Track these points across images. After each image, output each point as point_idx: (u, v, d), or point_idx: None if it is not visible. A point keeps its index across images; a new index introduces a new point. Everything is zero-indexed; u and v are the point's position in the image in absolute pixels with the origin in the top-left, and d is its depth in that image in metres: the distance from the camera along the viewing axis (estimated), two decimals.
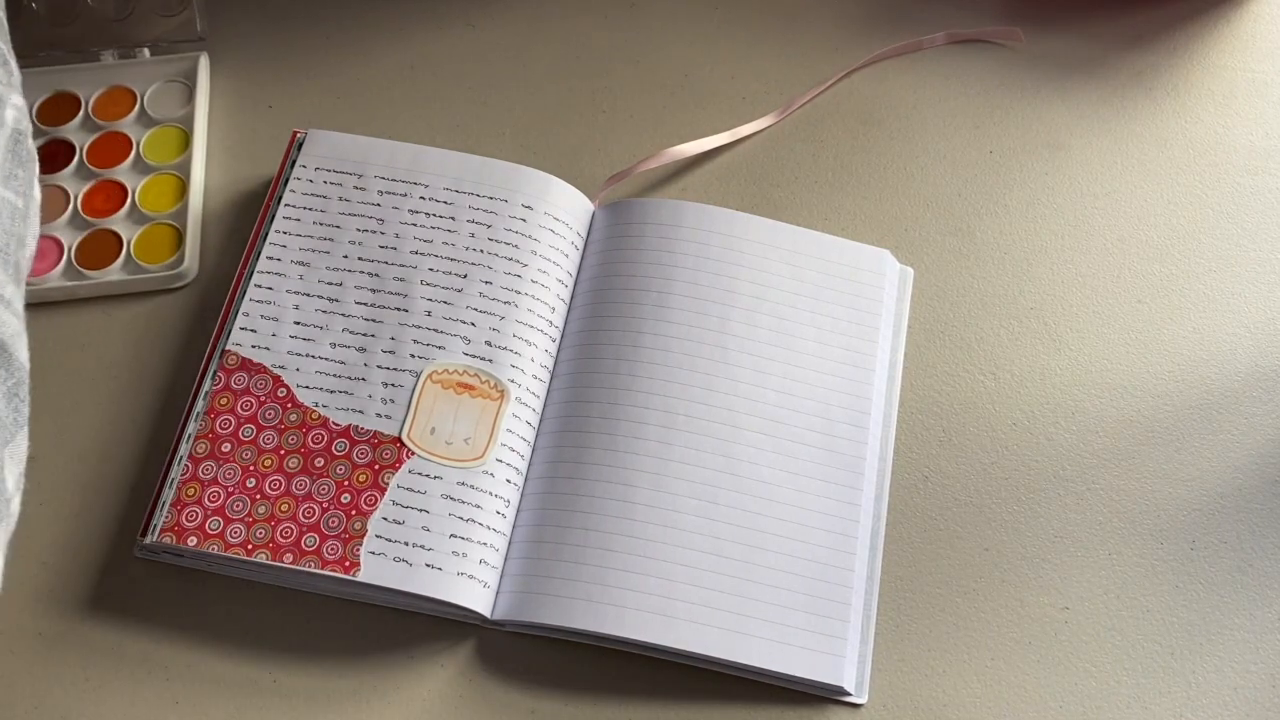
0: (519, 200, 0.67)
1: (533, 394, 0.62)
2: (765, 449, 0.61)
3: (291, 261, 0.65)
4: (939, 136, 0.73)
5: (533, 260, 0.65)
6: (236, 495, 0.59)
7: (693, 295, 0.64)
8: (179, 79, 0.73)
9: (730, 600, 0.57)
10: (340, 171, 0.67)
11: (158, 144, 0.71)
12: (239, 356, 0.62)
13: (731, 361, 0.63)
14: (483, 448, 0.60)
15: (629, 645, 0.57)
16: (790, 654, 0.56)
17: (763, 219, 0.67)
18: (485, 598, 0.57)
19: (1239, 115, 0.74)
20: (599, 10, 0.78)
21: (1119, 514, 0.62)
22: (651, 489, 0.59)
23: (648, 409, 0.61)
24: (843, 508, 0.60)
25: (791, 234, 0.67)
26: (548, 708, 0.57)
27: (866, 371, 0.64)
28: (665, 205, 0.68)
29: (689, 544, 0.58)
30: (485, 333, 0.63)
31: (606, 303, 0.65)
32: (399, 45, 0.76)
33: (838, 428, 0.62)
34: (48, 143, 0.71)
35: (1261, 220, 0.71)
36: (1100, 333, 0.67)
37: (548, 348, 0.64)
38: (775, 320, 0.64)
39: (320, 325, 0.63)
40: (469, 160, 0.68)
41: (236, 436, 0.60)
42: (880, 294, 0.66)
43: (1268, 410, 0.65)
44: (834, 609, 0.58)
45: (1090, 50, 0.77)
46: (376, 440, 0.60)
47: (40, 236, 0.67)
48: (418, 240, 0.65)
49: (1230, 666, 0.58)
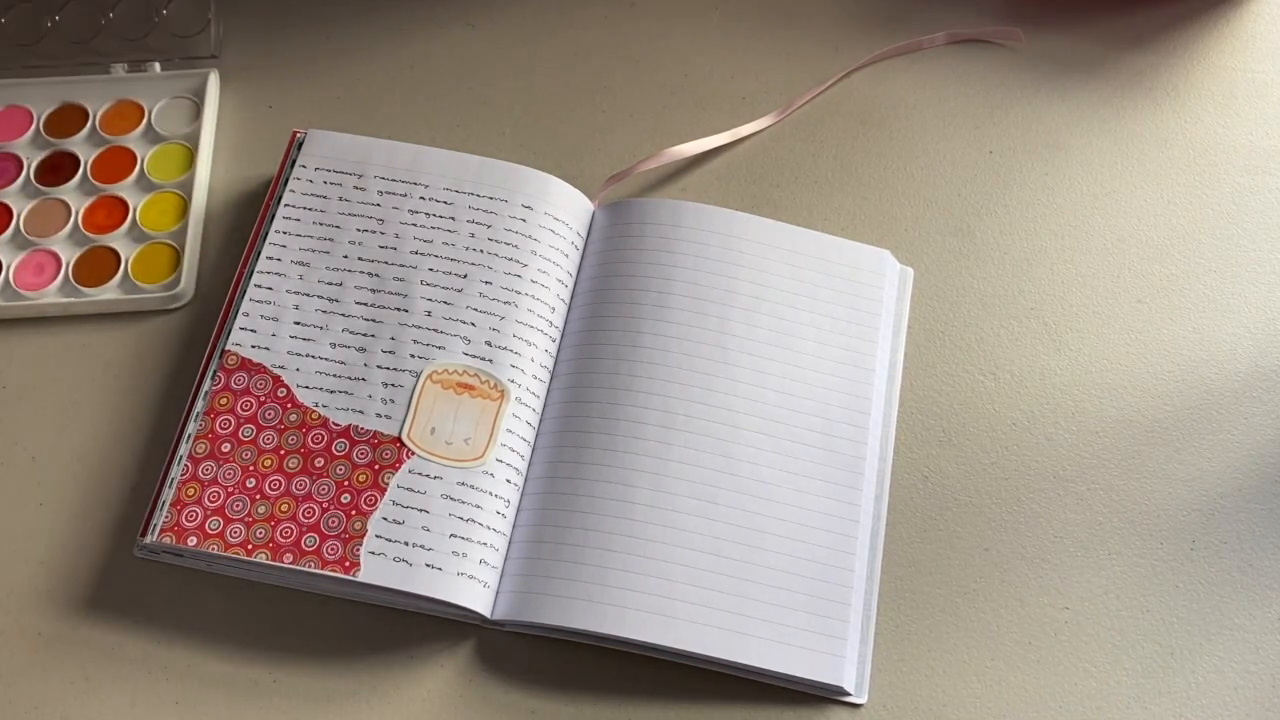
0: (519, 200, 0.67)
1: (533, 394, 0.62)
2: (765, 449, 0.61)
3: (291, 261, 0.65)
4: (939, 136, 0.73)
5: (532, 260, 0.65)
6: (236, 495, 0.59)
7: (692, 295, 0.64)
8: (187, 95, 0.73)
9: (730, 600, 0.57)
10: (340, 171, 0.67)
11: (162, 161, 0.71)
12: (239, 356, 0.62)
13: (731, 361, 0.63)
14: (483, 448, 0.60)
15: (629, 645, 0.57)
16: (790, 654, 0.56)
17: (762, 219, 0.67)
18: (485, 598, 0.57)
19: (1239, 115, 0.74)
20: (599, 10, 0.78)
21: (1119, 514, 0.62)
22: (651, 489, 0.59)
23: (647, 409, 0.61)
24: (842, 507, 0.60)
25: (791, 234, 0.67)
26: (548, 708, 0.57)
27: (866, 371, 0.64)
28: (665, 205, 0.68)
29: (689, 544, 0.58)
30: (485, 333, 0.63)
31: (606, 303, 0.65)
32: (399, 45, 0.76)
33: (837, 427, 0.62)
34: (53, 155, 0.71)
35: (1261, 220, 0.71)
36: (1100, 333, 0.67)
37: (548, 348, 0.64)
38: (775, 320, 0.64)
39: (320, 325, 0.63)
40: (468, 160, 0.68)
41: (236, 436, 0.60)
42: (880, 294, 0.66)
43: (1268, 410, 0.65)
44: (834, 609, 0.58)
45: (1090, 50, 0.77)
46: (376, 440, 0.60)
47: (39, 250, 0.67)
48: (418, 240, 0.65)
49: (1230, 666, 0.58)
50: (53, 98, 0.72)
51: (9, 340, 0.66)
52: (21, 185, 0.70)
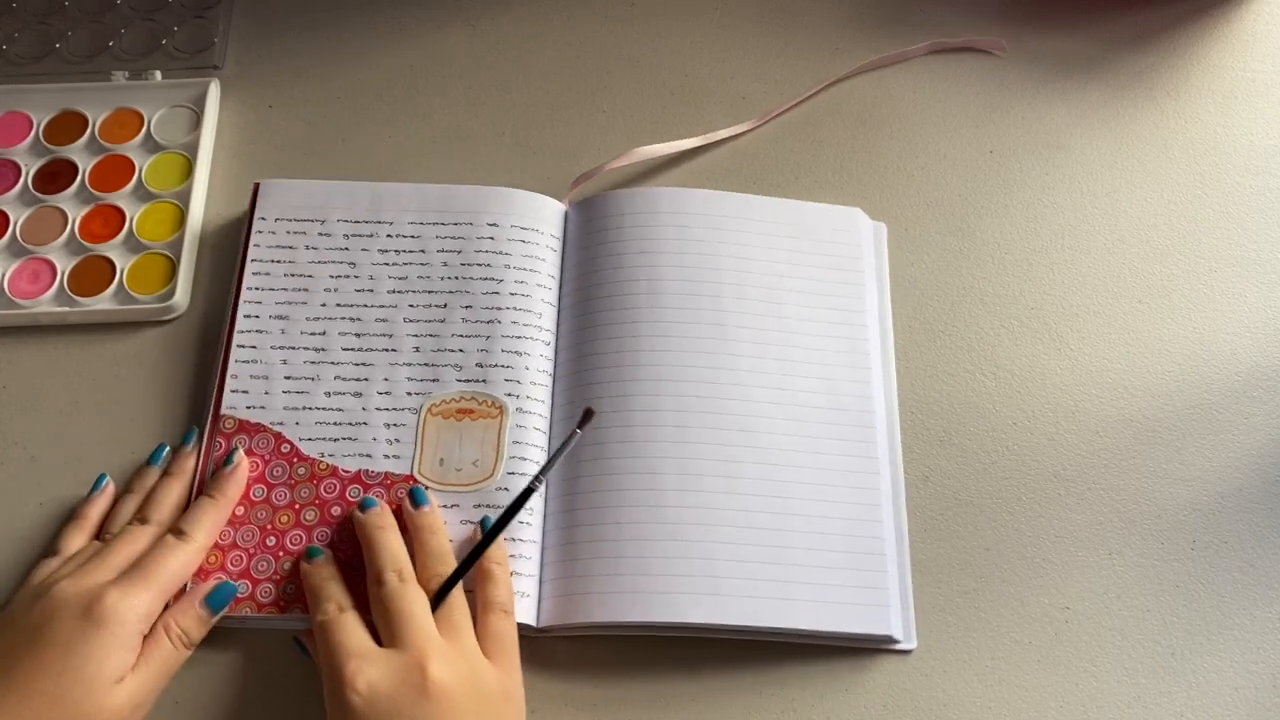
0: (484, 220, 0.67)
1: (536, 400, 0.62)
2: (777, 417, 0.61)
3: (270, 317, 0.64)
4: (939, 136, 0.73)
5: (508, 274, 0.65)
6: (259, 556, 0.58)
7: (682, 278, 0.65)
8: (187, 104, 0.73)
9: (772, 569, 0.58)
10: (301, 220, 0.67)
11: (160, 170, 0.70)
12: (235, 419, 0.61)
13: (730, 337, 0.63)
14: (491, 466, 0.60)
15: (679, 629, 0.57)
16: (838, 612, 0.57)
17: (735, 194, 0.68)
18: (528, 607, 0.57)
19: (1239, 115, 0.74)
20: (599, 10, 0.78)
21: (1119, 514, 0.62)
22: (677, 473, 0.60)
23: (659, 395, 0.61)
24: (861, 462, 0.61)
25: (766, 204, 0.68)
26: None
27: (859, 328, 0.65)
28: (640, 194, 0.68)
29: (723, 521, 0.59)
30: (475, 356, 0.63)
31: (598, 298, 0.65)
32: (399, 45, 0.76)
33: (841, 385, 0.63)
34: (51, 162, 0.70)
35: (1261, 220, 0.71)
36: (1100, 333, 0.67)
37: (542, 353, 0.64)
38: (765, 290, 0.65)
39: (311, 376, 0.63)
40: (428, 190, 0.68)
41: (248, 498, 0.60)
42: (859, 250, 0.67)
43: (1268, 410, 0.65)
44: (871, 560, 0.58)
45: (1090, 50, 0.77)
46: (389, 481, 0.60)
47: (35, 258, 0.67)
48: (393, 279, 0.65)
49: (1230, 666, 0.58)
50: (53, 105, 0.72)
51: (4, 348, 0.65)
52: (19, 192, 0.69)
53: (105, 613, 0.51)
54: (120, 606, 0.51)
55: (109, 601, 0.51)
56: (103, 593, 0.51)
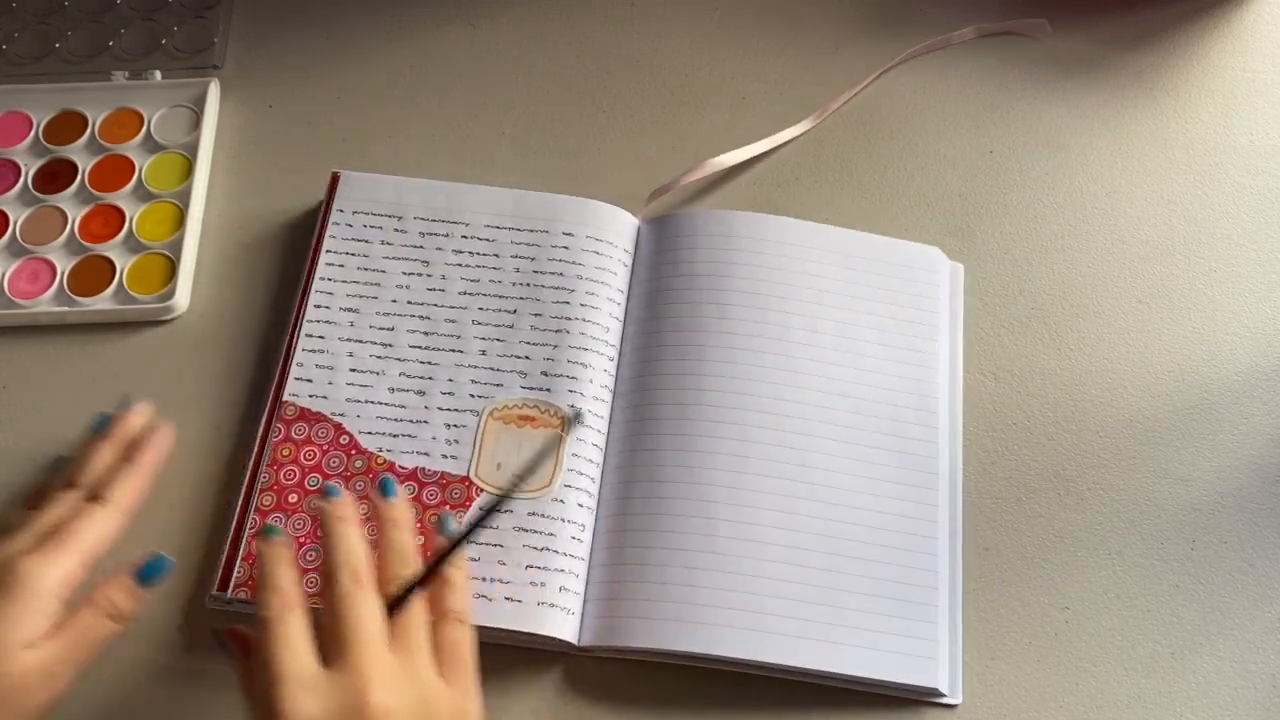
0: (559, 229, 0.66)
1: (596, 415, 0.62)
2: (839, 455, 0.60)
3: (340, 309, 0.64)
4: (939, 136, 0.73)
5: (579, 285, 0.65)
6: (308, 545, 0.58)
7: (752, 305, 0.64)
8: (187, 104, 0.72)
9: (819, 610, 0.57)
10: (378, 214, 0.67)
11: (160, 170, 0.70)
12: (297, 407, 0.62)
13: (797, 369, 0.62)
14: (549, 476, 0.60)
15: (721, 663, 0.56)
16: (883, 659, 0.56)
17: (812, 224, 0.67)
18: (570, 625, 0.57)
19: (1239, 115, 0.74)
20: (599, 10, 0.78)
21: (1119, 514, 0.62)
22: (731, 503, 0.59)
23: (719, 422, 0.61)
24: (921, 509, 0.60)
25: (843, 237, 0.67)
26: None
27: (931, 370, 0.64)
28: (716, 216, 0.67)
29: (773, 556, 0.58)
30: (540, 364, 0.63)
31: (665, 317, 0.64)
32: (399, 45, 0.76)
33: (909, 429, 0.62)
34: (51, 162, 0.70)
35: (1261, 220, 0.71)
36: (1100, 333, 0.67)
37: (606, 368, 0.63)
38: (837, 325, 0.64)
39: (377, 371, 0.63)
40: (504, 195, 0.68)
41: (303, 487, 0.60)
42: (937, 291, 0.66)
43: (1268, 410, 0.65)
44: (922, 611, 0.57)
45: (1090, 50, 0.77)
46: (444, 481, 0.60)
47: (35, 258, 0.67)
48: (465, 281, 0.65)
49: (1230, 666, 0.58)
50: (53, 104, 0.72)
51: (3, 348, 0.65)
52: (19, 192, 0.69)
53: (17, 578, 0.50)
54: (34, 572, 0.51)
55: (21, 568, 0.51)
56: (17, 559, 0.51)
